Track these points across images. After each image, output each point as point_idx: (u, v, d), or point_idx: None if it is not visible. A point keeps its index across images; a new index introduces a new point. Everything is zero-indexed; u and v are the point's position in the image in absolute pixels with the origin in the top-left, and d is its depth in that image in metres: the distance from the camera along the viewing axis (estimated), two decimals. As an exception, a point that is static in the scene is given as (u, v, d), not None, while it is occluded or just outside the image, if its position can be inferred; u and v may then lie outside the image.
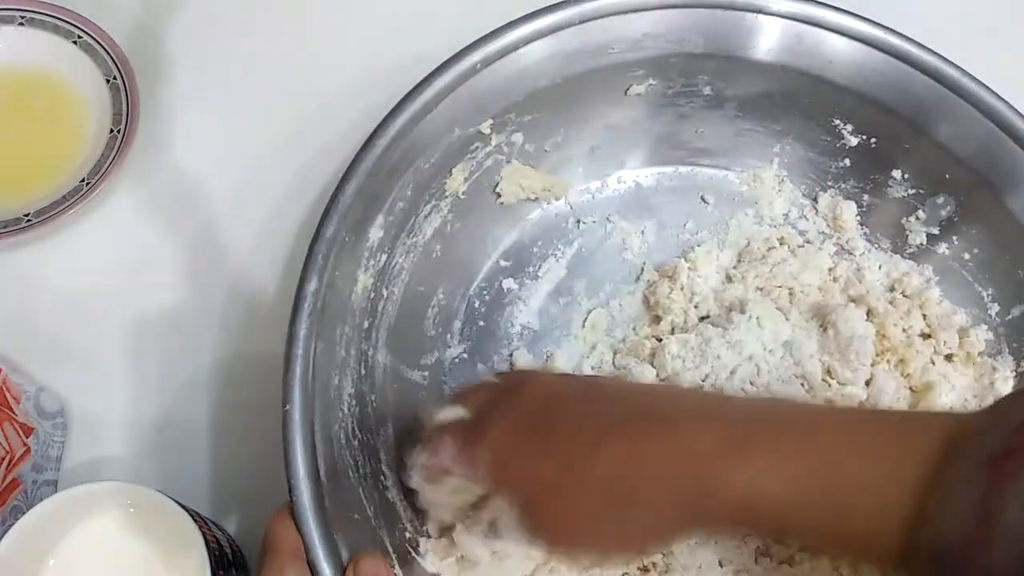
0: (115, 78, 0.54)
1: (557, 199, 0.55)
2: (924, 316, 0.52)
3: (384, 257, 0.47)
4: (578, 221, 0.55)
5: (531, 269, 0.54)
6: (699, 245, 0.54)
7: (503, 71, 0.48)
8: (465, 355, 0.51)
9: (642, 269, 0.54)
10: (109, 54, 0.54)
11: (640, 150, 0.56)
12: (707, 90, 0.53)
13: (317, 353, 0.42)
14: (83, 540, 0.41)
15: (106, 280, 0.52)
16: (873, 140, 0.53)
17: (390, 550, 0.42)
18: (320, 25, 0.60)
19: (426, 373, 0.50)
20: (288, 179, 0.55)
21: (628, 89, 0.52)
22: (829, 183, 0.56)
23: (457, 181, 0.50)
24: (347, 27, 0.60)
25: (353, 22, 0.60)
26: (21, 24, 0.55)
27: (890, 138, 0.52)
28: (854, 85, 0.51)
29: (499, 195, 0.52)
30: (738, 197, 0.56)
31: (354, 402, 0.44)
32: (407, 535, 0.44)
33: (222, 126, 0.56)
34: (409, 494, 0.44)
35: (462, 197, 0.51)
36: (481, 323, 0.52)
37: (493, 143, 0.50)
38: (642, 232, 0.55)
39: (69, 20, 0.55)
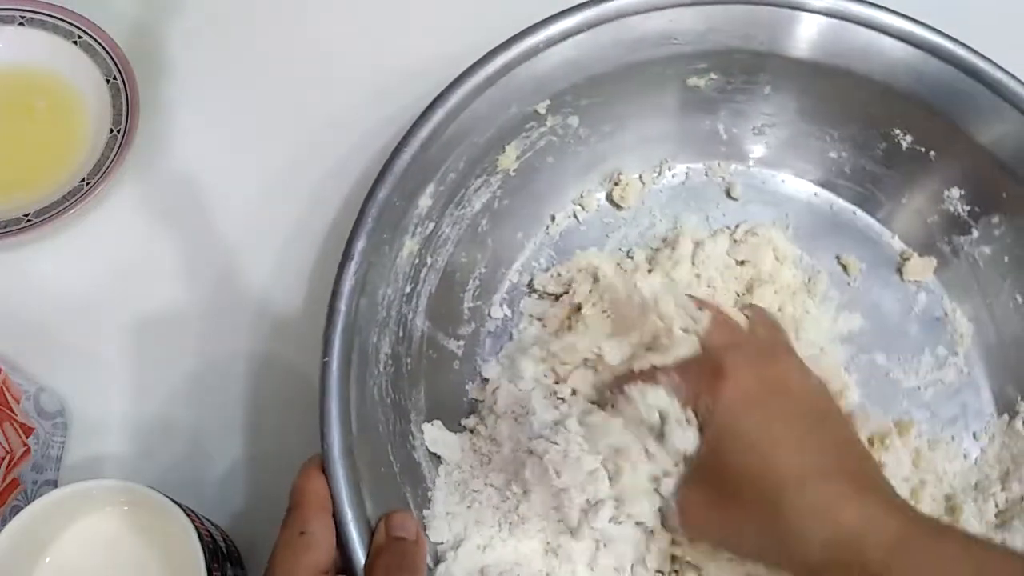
0: (115, 78, 0.54)
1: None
2: None
3: (431, 226, 0.47)
4: (623, 208, 0.55)
5: (574, 252, 0.53)
6: None
7: (565, 53, 0.48)
8: (502, 329, 0.52)
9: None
10: (109, 54, 0.54)
11: (693, 144, 0.55)
12: (767, 89, 0.53)
13: (359, 310, 0.43)
14: (78, 537, 0.41)
15: (106, 280, 0.52)
16: (932, 152, 0.52)
17: (411, 507, 0.43)
18: (322, 24, 0.59)
19: (462, 343, 0.50)
20: (288, 179, 0.55)
21: (687, 80, 0.52)
22: (882, 195, 0.55)
23: (510, 158, 0.50)
24: (349, 25, 0.59)
25: (356, 20, 0.60)
26: (21, 24, 0.55)
27: (949, 152, 0.52)
28: (907, 88, 0.50)
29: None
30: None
31: (390, 362, 0.45)
32: (429, 495, 0.44)
33: (222, 126, 0.56)
34: (434, 456, 0.46)
35: (513, 175, 0.51)
36: (520, 300, 0.52)
37: (548, 124, 0.51)
38: (686, 224, 0.55)
39: (69, 20, 0.55)
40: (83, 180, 0.51)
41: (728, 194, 0.55)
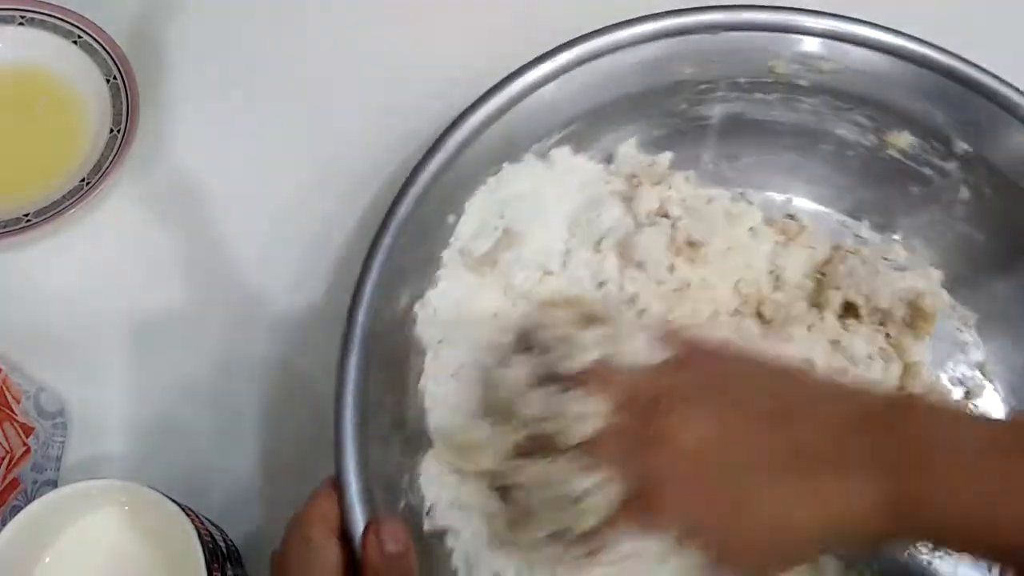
0: (115, 78, 0.54)
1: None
2: None
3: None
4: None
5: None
6: None
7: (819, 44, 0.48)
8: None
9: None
10: (109, 54, 0.54)
11: (879, 203, 0.53)
12: (965, 192, 0.50)
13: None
14: (78, 537, 0.41)
15: (106, 280, 0.52)
16: None
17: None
18: (323, 24, 0.59)
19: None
20: (288, 178, 0.55)
21: (886, 135, 0.50)
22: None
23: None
24: (350, 25, 0.59)
25: (356, 20, 0.60)
26: (21, 24, 0.55)
27: None
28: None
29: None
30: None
31: None
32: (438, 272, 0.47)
33: (222, 125, 0.56)
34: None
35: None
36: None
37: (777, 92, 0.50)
38: None
39: (69, 20, 0.55)
40: (83, 180, 0.51)
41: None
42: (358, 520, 0.37)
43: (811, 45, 0.48)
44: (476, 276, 0.48)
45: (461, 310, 0.47)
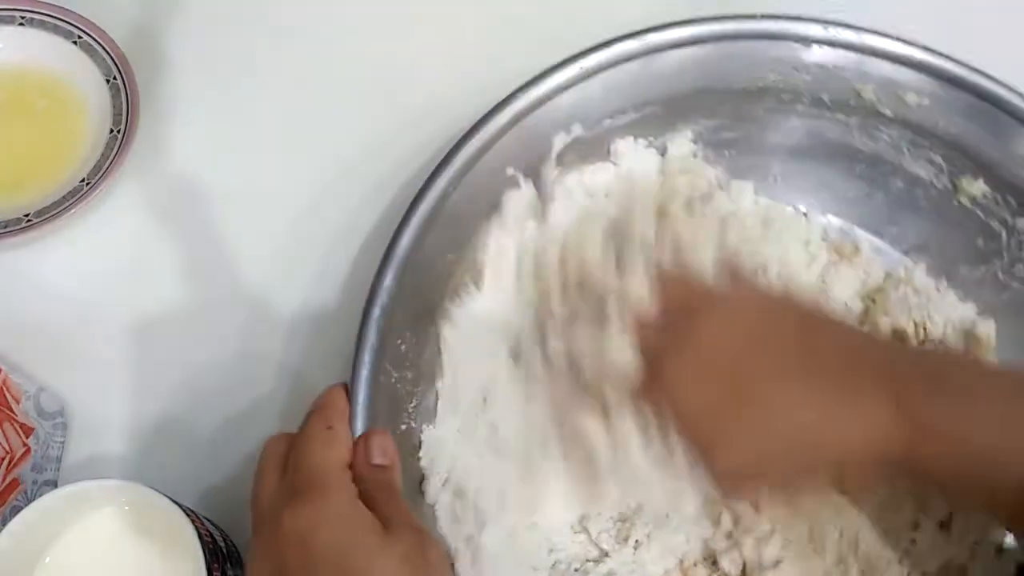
0: (115, 78, 0.54)
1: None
2: None
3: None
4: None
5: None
6: None
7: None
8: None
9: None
10: (109, 54, 0.54)
11: (951, 251, 0.53)
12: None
13: None
14: (78, 537, 0.41)
15: (106, 280, 0.52)
16: None
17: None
18: (323, 23, 0.59)
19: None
20: (288, 177, 0.55)
21: (959, 179, 0.50)
22: None
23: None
24: (350, 23, 0.59)
25: (357, 17, 0.60)
26: (21, 24, 0.55)
27: None
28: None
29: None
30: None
31: None
32: None
33: (222, 125, 0.56)
34: None
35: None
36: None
37: (853, 118, 0.50)
38: None
39: (69, 20, 0.55)
40: (83, 180, 0.51)
41: None
42: (358, 428, 0.40)
43: (903, 75, 0.48)
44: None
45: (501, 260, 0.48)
